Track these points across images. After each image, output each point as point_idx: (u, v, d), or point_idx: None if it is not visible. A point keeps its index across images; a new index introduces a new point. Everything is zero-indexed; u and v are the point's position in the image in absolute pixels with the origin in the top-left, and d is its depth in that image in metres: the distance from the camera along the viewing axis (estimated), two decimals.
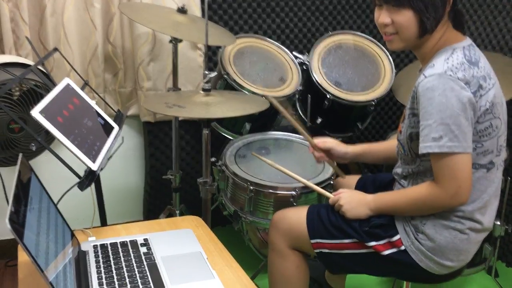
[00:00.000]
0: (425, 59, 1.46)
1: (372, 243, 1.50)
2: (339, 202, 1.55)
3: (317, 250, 1.57)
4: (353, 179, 1.83)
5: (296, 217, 1.62)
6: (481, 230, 1.47)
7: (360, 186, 1.78)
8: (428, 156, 1.38)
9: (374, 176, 1.82)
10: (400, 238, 1.49)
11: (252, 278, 1.86)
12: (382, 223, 1.50)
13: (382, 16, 1.41)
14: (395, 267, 1.53)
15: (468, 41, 1.43)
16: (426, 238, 1.45)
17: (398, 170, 1.57)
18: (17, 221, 0.95)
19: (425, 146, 1.35)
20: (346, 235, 1.53)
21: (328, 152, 1.75)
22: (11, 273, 2.33)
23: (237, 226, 2.03)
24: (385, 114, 2.87)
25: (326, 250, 1.56)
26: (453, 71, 1.33)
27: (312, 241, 1.57)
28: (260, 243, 2.12)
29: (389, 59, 2.35)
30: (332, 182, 1.86)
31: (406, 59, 2.77)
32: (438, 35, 1.41)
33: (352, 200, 1.55)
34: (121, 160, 2.49)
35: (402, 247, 1.48)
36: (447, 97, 1.30)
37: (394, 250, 1.49)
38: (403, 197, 1.48)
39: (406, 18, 1.37)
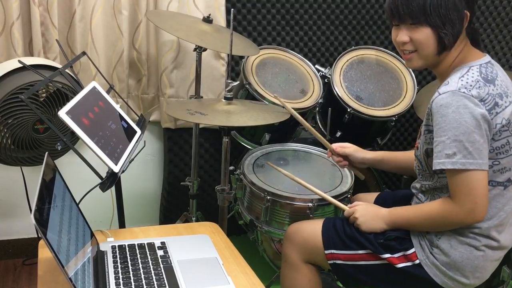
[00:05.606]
0: (443, 77, 1.46)
1: (387, 255, 1.49)
2: (354, 215, 1.55)
3: (331, 261, 1.57)
4: (372, 196, 1.83)
5: (311, 229, 1.62)
6: (498, 247, 1.45)
7: (379, 203, 1.77)
8: (445, 172, 1.38)
9: (394, 193, 1.82)
10: (415, 252, 1.48)
11: None
12: (397, 236, 1.50)
13: (401, 35, 1.42)
14: (409, 281, 1.52)
15: (486, 58, 1.43)
16: (440, 253, 1.45)
17: (416, 185, 1.57)
18: (41, 217, 0.97)
19: (439, 162, 1.35)
20: (360, 246, 1.53)
21: (346, 158, 1.77)
22: (27, 272, 2.37)
23: (252, 236, 2.03)
24: (405, 131, 2.85)
25: (340, 261, 1.56)
26: (467, 88, 1.33)
27: (326, 251, 1.57)
28: (274, 254, 2.12)
29: (411, 75, 2.34)
30: (349, 196, 1.85)
31: (428, 76, 2.76)
32: (456, 52, 1.42)
33: (367, 213, 1.55)
34: (140, 165, 2.52)
35: (417, 261, 1.48)
36: (460, 114, 1.31)
37: (408, 263, 1.48)
38: (418, 212, 1.47)
39: (425, 35, 1.38)
